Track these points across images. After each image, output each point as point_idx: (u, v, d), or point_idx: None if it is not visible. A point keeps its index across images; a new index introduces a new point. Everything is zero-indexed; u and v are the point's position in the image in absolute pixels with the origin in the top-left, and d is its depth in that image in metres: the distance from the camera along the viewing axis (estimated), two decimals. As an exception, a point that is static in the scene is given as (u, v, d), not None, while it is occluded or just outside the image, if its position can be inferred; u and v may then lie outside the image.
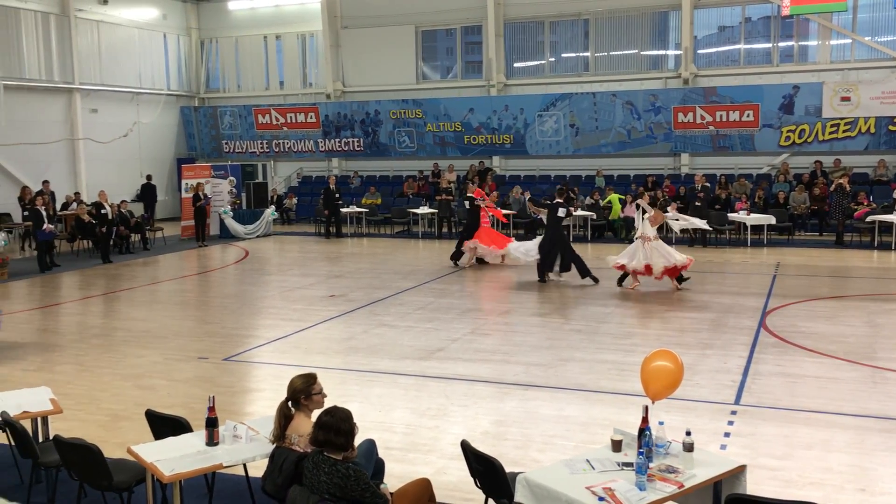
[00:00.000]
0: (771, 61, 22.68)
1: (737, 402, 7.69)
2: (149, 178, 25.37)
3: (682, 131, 22.70)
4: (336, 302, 12.86)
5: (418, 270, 15.72)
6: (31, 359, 9.74)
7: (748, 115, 21.87)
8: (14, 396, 6.21)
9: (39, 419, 6.07)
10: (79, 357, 9.78)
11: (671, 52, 23.75)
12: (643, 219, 13.20)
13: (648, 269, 13.06)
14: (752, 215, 18.99)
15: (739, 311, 11.61)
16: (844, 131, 21.15)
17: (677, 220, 14.82)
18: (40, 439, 6.00)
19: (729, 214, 19.43)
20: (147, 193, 25.19)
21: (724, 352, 9.45)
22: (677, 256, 13.10)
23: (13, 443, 5.73)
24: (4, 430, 5.84)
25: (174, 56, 28.24)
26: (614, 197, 20.83)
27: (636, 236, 13.35)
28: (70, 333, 11.32)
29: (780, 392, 7.96)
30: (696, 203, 18.72)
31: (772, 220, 18.95)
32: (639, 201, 13.52)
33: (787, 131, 21.65)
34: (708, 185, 19.49)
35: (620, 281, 13.59)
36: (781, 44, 22.62)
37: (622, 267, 13.39)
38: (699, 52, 23.36)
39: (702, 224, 15.91)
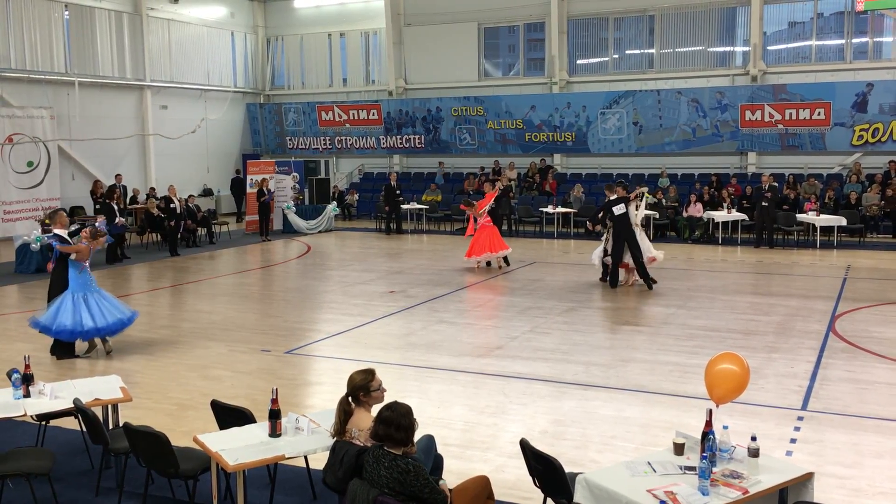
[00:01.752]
0: (843, 58, 22.00)
1: (804, 407, 7.49)
2: (238, 171, 26.00)
3: (749, 129, 22.20)
4: (396, 298, 12.95)
5: (478, 268, 15.72)
6: (102, 348, 10.03)
7: (819, 114, 21.26)
8: (86, 384, 6.42)
9: (110, 407, 6.26)
10: (147, 347, 10.06)
11: (739, 49, 23.23)
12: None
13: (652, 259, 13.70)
14: (822, 216, 18.47)
15: (807, 315, 11.31)
16: (921, 130, 20.41)
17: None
18: (110, 426, 6.19)
19: (798, 215, 18.94)
20: (236, 186, 25.76)
21: (791, 356, 9.21)
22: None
23: (85, 429, 5.92)
24: (76, 417, 6.04)
25: (241, 54, 28.79)
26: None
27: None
28: (139, 324, 11.59)
29: (850, 398, 7.73)
30: (763, 203, 18.28)
31: (842, 221, 18.41)
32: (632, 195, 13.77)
33: (860, 130, 20.98)
34: (776, 184, 19.03)
35: (609, 277, 13.66)
36: (855, 40, 21.92)
37: (653, 259, 13.77)
38: (768, 48, 22.80)
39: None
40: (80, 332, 9.23)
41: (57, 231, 9.47)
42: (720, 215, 19.25)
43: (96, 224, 10.09)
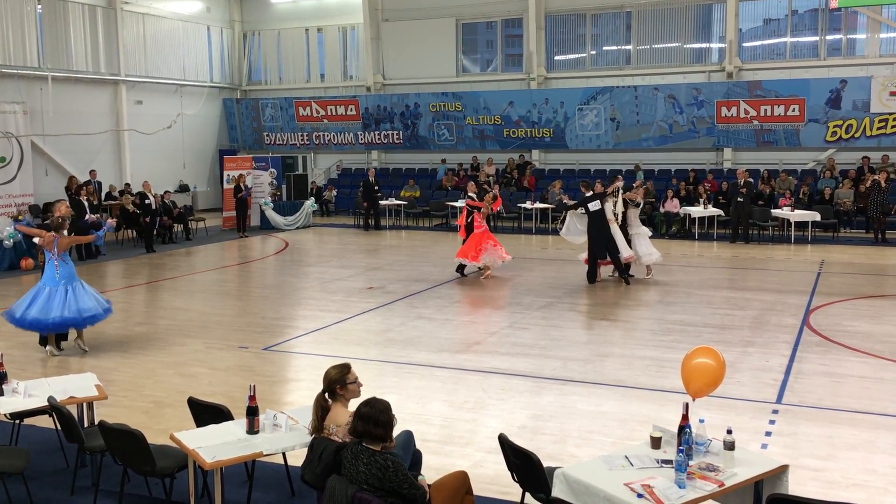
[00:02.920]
0: (818, 55, 22.23)
1: (779, 401, 7.58)
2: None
3: (725, 126, 22.37)
4: (374, 294, 12.93)
5: (456, 263, 15.71)
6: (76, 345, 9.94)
7: (794, 110, 21.46)
8: (61, 382, 6.35)
9: (85, 405, 6.20)
10: (123, 344, 9.97)
11: (715, 46, 23.39)
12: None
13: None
14: (797, 211, 18.66)
15: (782, 309, 11.43)
16: (893, 127, 20.65)
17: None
18: (86, 424, 6.13)
19: (772, 210, 19.12)
20: None
21: (766, 350, 9.31)
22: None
23: (59, 427, 5.86)
24: (51, 415, 5.98)
25: (217, 49, 28.55)
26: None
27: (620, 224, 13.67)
28: (114, 321, 11.50)
29: (824, 392, 7.82)
30: (739, 199, 18.44)
31: (816, 216, 18.61)
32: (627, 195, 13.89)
33: (834, 126, 21.21)
34: (751, 180, 19.19)
35: (586, 273, 13.76)
36: (829, 37, 22.15)
37: (630, 258, 13.78)
38: (744, 45, 22.98)
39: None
40: (46, 325, 9.11)
41: (59, 219, 9.55)
42: (696, 211, 19.40)
43: (104, 224, 10.08)
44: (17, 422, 6.28)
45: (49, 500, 5.60)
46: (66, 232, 9.61)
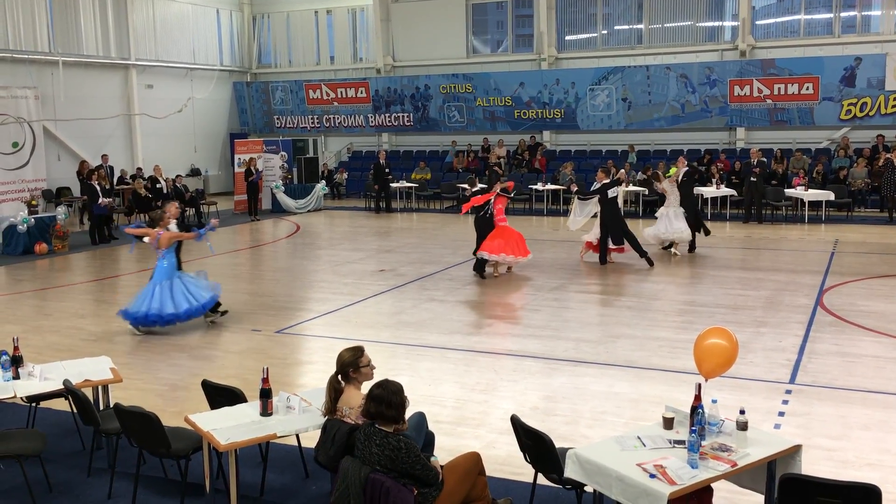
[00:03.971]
0: (832, 32, 21.97)
1: (792, 381, 7.56)
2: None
3: (738, 105, 22.19)
4: (386, 276, 12.94)
5: (468, 245, 15.69)
6: (91, 329, 10.02)
7: (807, 88, 21.26)
8: (76, 365, 6.40)
9: (100, 388, 6.25)
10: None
11: (728, 24, 23.16)
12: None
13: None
14: (810, 191, 18.52)
15: (795, 289, 11.38)
16: (908, 104, 20.46)
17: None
18: (101, 407, 6.18)
19: (786, 190, 18.99)
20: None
21: (779, 330, 9.28)
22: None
23: (75, 410, 5.91)
24: (67, 398, 6.04)
25: (227, 32, 28.49)
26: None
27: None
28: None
29: (837, 371, 7.79)
30: (752, 178, 18.32)
31: (830, 195, 18.47)
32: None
33: (848, 104, 21.01)
34: (764, 160, 19.05)
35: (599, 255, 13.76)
36: (843, 14, 21.87)
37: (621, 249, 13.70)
38: (757, 23, 22.73)
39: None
40: (159, 318, 9.42)
41: (166, 216, 9.79)
42: (709, 191, 19.28)
43: (208, 225, 10.71)
44: (34, 405, 6.35)
45: (66, 482, 5.67)
46: (171, 228, 9.80)
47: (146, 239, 9.80)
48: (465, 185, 16.00)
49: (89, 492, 5.53)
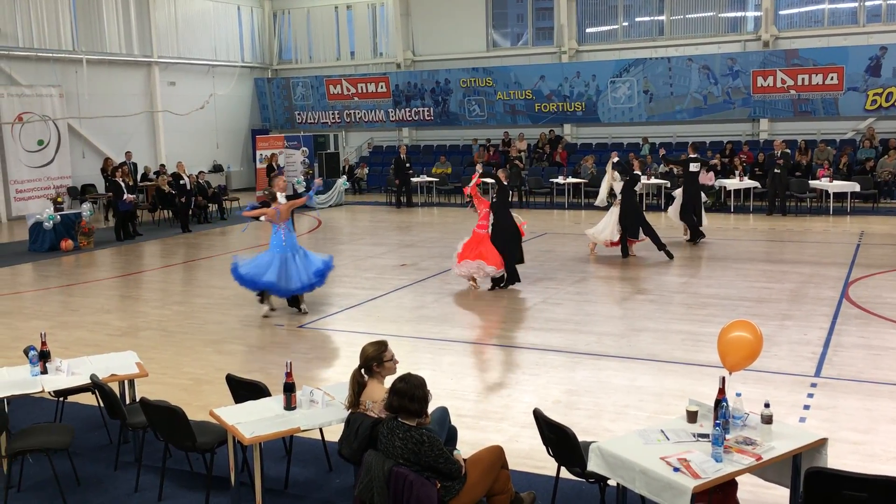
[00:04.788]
0: (857, 21, 21.67)
1: (817, 374, 7.49)
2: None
3: (761, 96, 21.97)
4: (407, 271, 12.97)
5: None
6: (116, 324, 10.13)
7: (832, 78, 21.00)
8: (103, 360, 6.47)
9: (126, 382, 6.32)
10: (162, 323, 10.13)
11: (750, 14, 22.92)
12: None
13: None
14: (835, 182, 18.31)
15: (820, 282, 11.27)
16: (936, 94, 20.16)
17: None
18: (127, 401, 6.25)
19: (810, 181, 18.79)
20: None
21: (804, 323, 9.19)
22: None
23: (102, 404, 5.98)
24: (94, 392, 6.11)
25: (248, 28, 28.63)
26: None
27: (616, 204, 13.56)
28: (153, 300, 11.73)
29: (863, 364, 7.71)
30: (776, 170, 18.15)
31: (856, 187, 18.25)
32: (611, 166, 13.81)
33: (874, 94, 20.72)
34: (788, 151, 18.86)
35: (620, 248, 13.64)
36: (868, 2, 21.54)
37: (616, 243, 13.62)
38: (780, 12, 22.47)
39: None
40: (265, 286, 9.80)
41: (276, 191, 10.12)
42: (732, 183, 19.13)
43: (313, 185, 10.98)
44: (62, 399, 6.44)
45: (93, 476, 5.74)
46: (280, 200, 10.10)
47: (263, 218, 10.12)
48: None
49: (116, 485, 5.60)
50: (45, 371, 6.08)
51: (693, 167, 14.23)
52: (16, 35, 21.02)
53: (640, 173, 14.01)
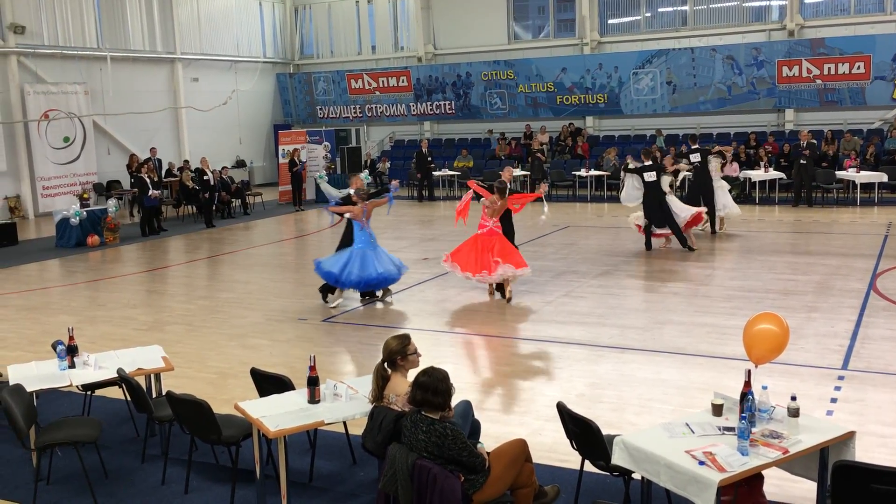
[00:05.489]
0: (884, 9, 21.30)
1: (844, 367, 7.40)
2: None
3: (786, 86, 21.71)
4: (429, 265, 12.97)
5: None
6: (142, 319, 10.24)
7: (859, 68, 20.70)
8: (129, 354, 6.54)
9: (153, 376, 6.39)
10: (187, 317, 10.22)
11: (775, 3, 22.62)
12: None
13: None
14: (862, 173, 18.07)
15: (848, 273, 11.13)
16: (965, 82, 19.82)
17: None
18: (153, 395, 6.32)
19: (837, 172, 18.55)
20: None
21: (831, 315, 9.09)
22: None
23: (129, 398, 6.05)
24: (121, 386, 6.18)
25: (269, 24, 28.73)
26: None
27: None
28: (178, 295, 11.83)
29: (892, 357, 7.61)
30: (802, 161, 17.93)
31: (883, 177, 18.00)
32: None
33: (902, 83, 20.42)
34: (814, 141, 18.64)
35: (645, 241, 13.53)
36: (896, -10, 21.25)
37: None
38: (805, 1, 22.16)
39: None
40: (349, 282, 10.15)
41: (351, 191, 10.51)
42: (757, 174, 18.94)
43: (392, 187, 11.42)
44: (89, 393, 6.51)
45: (121, 468, 5.80)
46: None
47: (348, 215, 10.51)
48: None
49: (143, 477, 5.66)
50: (72, 365, 6.16)
51: (647, 176, 13.25)
52: (41, 33, 21.25)
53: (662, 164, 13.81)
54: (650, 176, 13.20)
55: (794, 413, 4.47)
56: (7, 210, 20.49)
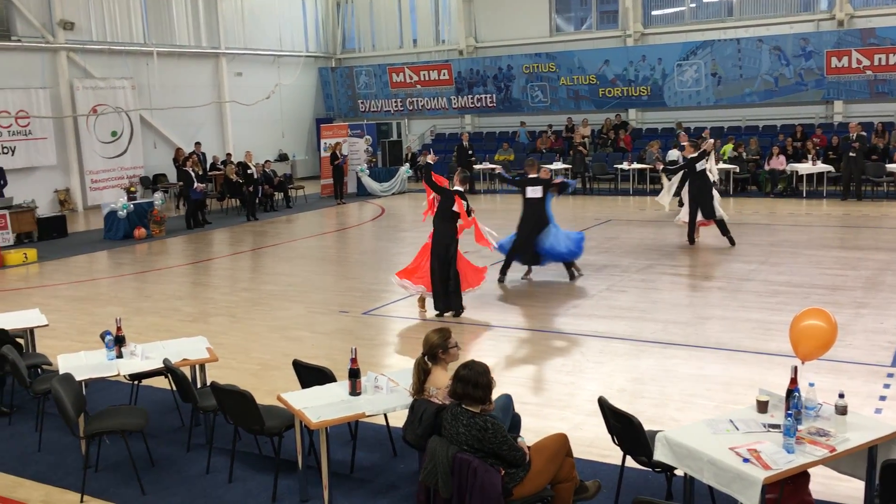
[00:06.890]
0: (938, -3, 20.76)
1: (894, 364, 7.24)
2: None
3: (835, 77, 21.23)
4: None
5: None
6: (187, 310, 10.40)
7: (911, 58, 20.16)
8: (174, 345, 6.66)
9: (197, 367, 6.49)
10: (230, 309, 10.36)
11: (824, -8, 22.14)
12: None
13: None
14: (914, 165, 17.62)
15: (898, 269, 10.87)
16: None
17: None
18: (198, 385, 6.42)
19: (887, 165, 18.11)
20: None
21: (880, 311, 8.89)
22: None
23: (174, 388, 6.15)
24: (167, 376, 6.29)
25: (312, 18, 28.93)
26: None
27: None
28: (222, 287, 11.99)
29: (944, 355, 7.43)
30: (851, 153, 17.53)
31: (936, 170, 17.53)
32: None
33: (956, 73, 19.84)
34: (864, 133, 18.20)
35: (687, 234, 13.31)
36: (951, -23, 20.63)
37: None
38: (856, -10, 21.67)
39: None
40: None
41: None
42: (804, 167, 18.56)
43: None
44: (136, 383, 6.64)
45: (167, 457, 5.91)
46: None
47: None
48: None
49: (189, 466, 5.76)
50: (120, 355, 6.28)
51: (700, 166, 12.94)
52: (90, 29, 21.65)
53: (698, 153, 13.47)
54: (701, 165, 13.00)
55: (841, 411, 4.38)
56: (57, 203, 20.95)
